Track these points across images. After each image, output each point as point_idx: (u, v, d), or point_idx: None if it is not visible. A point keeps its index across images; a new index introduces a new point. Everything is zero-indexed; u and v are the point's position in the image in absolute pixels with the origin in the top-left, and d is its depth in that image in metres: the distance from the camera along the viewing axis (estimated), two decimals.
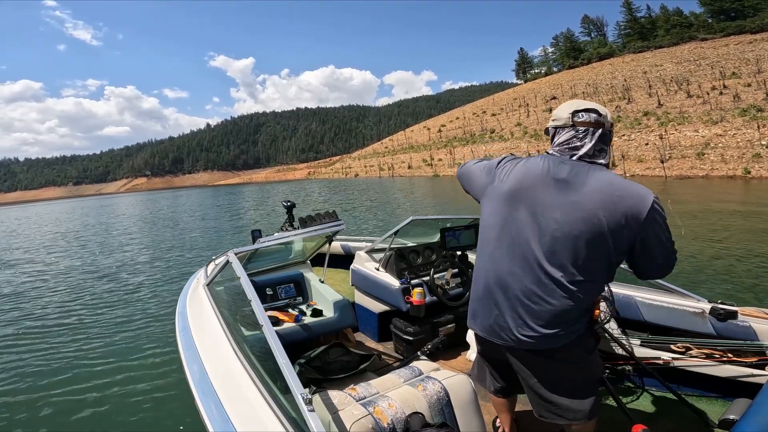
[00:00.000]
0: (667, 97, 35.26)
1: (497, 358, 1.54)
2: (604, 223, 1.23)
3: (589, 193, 1.26)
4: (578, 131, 1.34)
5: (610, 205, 1.23)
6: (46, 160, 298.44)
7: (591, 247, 1.26)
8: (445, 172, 42.12)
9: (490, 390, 1.71)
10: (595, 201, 1.24)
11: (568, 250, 1.27)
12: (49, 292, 6.99)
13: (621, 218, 1.23)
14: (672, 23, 61.24)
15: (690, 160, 23.33)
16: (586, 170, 1.30)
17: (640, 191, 1.25)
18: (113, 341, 4.47)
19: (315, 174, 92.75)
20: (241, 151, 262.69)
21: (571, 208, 1.27)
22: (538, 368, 1.41)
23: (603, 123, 1.33)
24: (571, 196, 1.28)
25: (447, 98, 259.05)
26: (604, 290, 1.40)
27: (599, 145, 1.33)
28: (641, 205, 1.22)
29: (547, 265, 1.29)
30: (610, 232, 1.24)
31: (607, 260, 1.29)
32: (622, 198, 1.23)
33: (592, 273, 1.29)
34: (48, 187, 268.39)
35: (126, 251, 11.10)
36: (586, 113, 1.34)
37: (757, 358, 1.86)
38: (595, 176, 1.28)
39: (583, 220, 1.25)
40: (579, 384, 1.38)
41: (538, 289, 1.31)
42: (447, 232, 3.06)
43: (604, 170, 1.31)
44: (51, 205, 63.68)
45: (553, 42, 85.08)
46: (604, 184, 1.26)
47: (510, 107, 58.94)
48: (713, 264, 5.83)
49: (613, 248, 1.26)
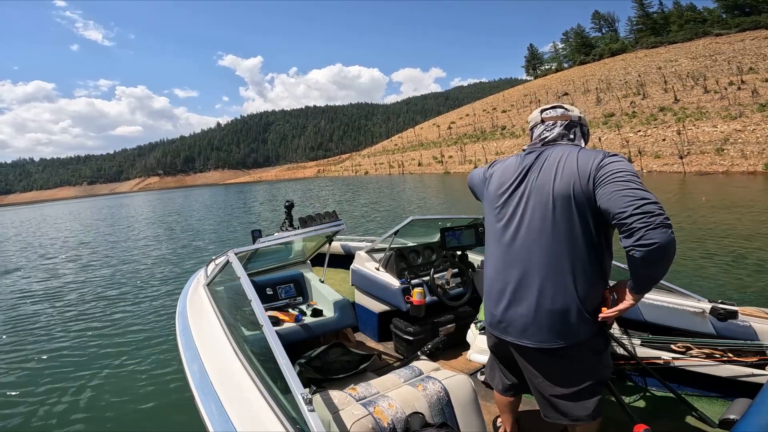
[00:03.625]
0: (683, 92, 34.61)
1: (507, 355, 1.56)
2: (563, 191, 1.29)
3: (547, 167, 1.36)
4: (547, 125, 1.49)
5: (565, 172, 1.30)
6: (60, 160, 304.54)
7: (566, 229, 1.29)
8: (456, 170, 41.93)
9: (498, 389, 1.72)
10: (552, 173, 1.33)
11: (550, 237, 1.31)
12: (49, 292, 7.03)
13: (573, 177, 1.27)
14: (685, 18, 60.00)
15: (709, 155, 22.91)
16: (548, 150, 1.41)
17: (594, 153, 1.31)
18: (113, 341, 4.49)
19: (324, 172, 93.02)
20: (251, 150, 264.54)
21: (539, 192, 1.35)
22: (543, 367, 1.41)
23: (569, 116, 1.47)
24: (537, 180, 1.37)
25: (456, 95, 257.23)
26: (605, 285, 1.38)
27: (564, 132, 1.45)
28: (592, 161, 1.27)
29: (538, 257, 1.33)
30: (576, 203, 1.27)
31: (591, 238, 1.29)
32: (573, 162, 1.30)
33: (578, 260, 1.29)
34: (63, 186, 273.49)
35: (126, 251, 11.16)
36: (553, 110, 1.50)
37: (758, 358, 1.86)
38: (555, 151, 1.38)
39: (548, 199, 1.32)
40: (585, 385, 1.38)
41: (535, 285, 1.34)
42: (447, 232, 3.07)
43: (564, 144, 1.42)
44: (58, 206, 63.69)
45: (564, 38, 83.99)
46: (559, 155, 1.35)
47: (521, 103, 58.42)
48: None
49: (585, 220, 1.27)
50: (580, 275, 1.30)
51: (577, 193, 1.27)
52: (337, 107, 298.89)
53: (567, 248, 1.30)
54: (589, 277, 1.31)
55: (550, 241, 1.31)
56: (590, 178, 1.25)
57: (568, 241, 1.29)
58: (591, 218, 1.28)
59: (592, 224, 1.28)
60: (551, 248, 1.31)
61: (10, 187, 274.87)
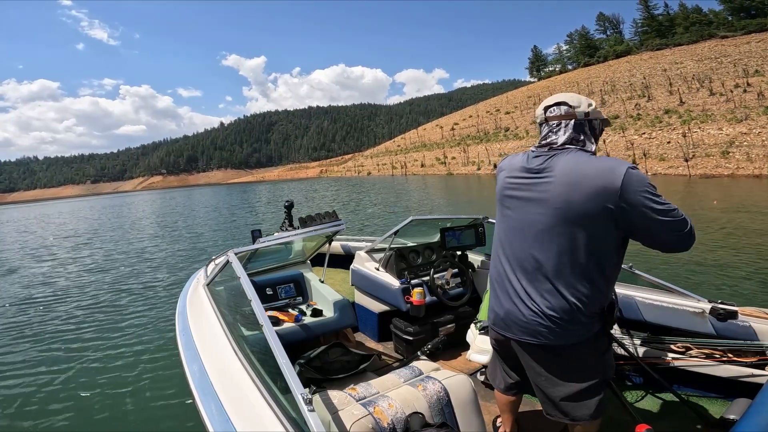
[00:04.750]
0: (688, 94, 34.37)
1: (509, 353, 1.56)
2: (579, 208, 1.24)
3: (557, 178, 1.29)
4: (551, 126, 1.39)
5: (578, 187, 1.24)
6: (64, 159, 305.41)
7: (574, 235, 1.26)
8: (459, 171, 41.84)
9: (499, 388, 1.72)
10: (564, 185, 1.27)
11: (554, 241, 1.29)
12: (48, 292, 7.03)
13: (593, 197, 1.22)
14: (691, 21, 59.71)
15: (714, 158, 22.70)
16: (557, 158, 1.33)
17: (609, 164, 1.24)
18: (112, 341, 4.49)
19: (327, 172, 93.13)
20: (254, 150, 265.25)
21: (545, 198, 1.31)
22: (546, 365, 1.41)
23: (574, 114, 1.36)
24: (544, 186, 1.32)
25: (459, 96, 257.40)
26: (610, 285, 1.37)
27: (573, 135, 1.36)
28: (611, 177, 1.21)
29: (540, 259, 1.33)
30: (587, 216, 1.24)
31: (597, 246, 1.27)
32: (587, 177, 1.24)
33: (583, 263, 1.28)
34: (67, 185, 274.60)
35: (126, 250, 11.18)
36: (557, 107, 1.40)
37: (757, 358, 1.85)
38: (564, 160, 1.31)
39: (557, 209, 1.28)
40: (587, 384, 1.37)
41: (536, 284, 1.34)
42: (447, 232, 3.08)
43: (574, 152, 1.33)
44: (59, 204, 63.85)
45: (568, 40, 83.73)
46: (570, 166, 1.28)
47: (524, 105, 58.24)
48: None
49: (598, 232, 1.25)
50: (583, 274, 1.29)
51: (592, 209, 1.23)
52: (340, 108, 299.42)
53: (571, 249, 1.29)
54: (592, 276, 1.30)
55: (554, 242, 1.31)
56: (614, 200, 1.20)
57: (573, 242, 1.28)
58: (602, 227, 1.25)
59: (603, 232, 1.27)
60: (555, 248, 1.31)
61: (14, 185, 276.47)
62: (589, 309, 1.31)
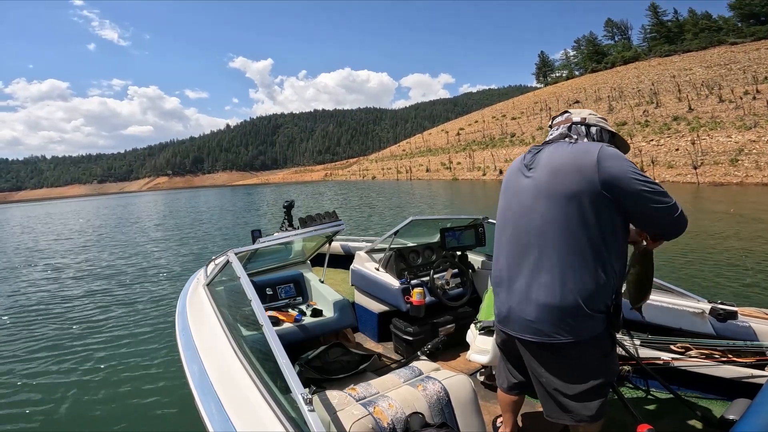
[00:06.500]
0: (697, 101, 34.25)
1: (514, 352, 1.56)
2: (565, 190, 1.29)
3: (542, 168, 1.38)
4: (553, 129, 1.55)
5: (560, 171, 1.32)
6: (72, 159, 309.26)
7: (568, 222, 1.29)
8: (464, 176, 41.86)
9: (502, 387, 1.72)
10: (548, 174, 1.35)
11: (551, 232, 1.32)
12: (48, 292, 7.06)
13: (576, 178, 1.28)
14: (700, 27, 59.58)
15: (723, 166, 22.52)
16: (543, 151, 1.43)
17: (585, 146, 1.33)
18: (112, 341, 4.50)
19: (332, 176, 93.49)
20: (260, 152, 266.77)
21: (536, 189, 1.38)
22: (549, 364, 1.41)
23: (571, 119, 1.49)
24: (533, 178, 1.40)
25: (464, 101, 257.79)
26: (612, 278, 1.35)
27: (565, 133, 1.47)
28: (587, 155, 1.29)
29: (541, 251, 1.35)
30: (575, 197, 1.28)
31: (594, 233, 1.28)
32: (566, 161, 1.32)
33: (583, 251, 1.29)
34: (74, 184, 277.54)
35: (126, 250, 11.24)
36: (561, 116, 1.56)
37: (757, 359, 1.86)
38: (548, 151, 1.41)
39: (548, 198, 1.33)
40: (590, 385, 1.37)
41: (538, 278, 1.35)
42: (447, 232, 3.10)
43: (557, 143, 1.42)
44: (61, 205, 63.89)
45: (575, 45, 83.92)
46: (552, 154, 1.38)
47: (531, 111, 58.34)
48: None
49: (590, 214, 1.27)
50: (584, 265, 1.29)
51: (576, 190, 1.28)
52: (346, 111, 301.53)
53: (568, 244, 1.30)
54: (594, 273, 1.30)
55: (552, 238, 1.32)
56: (593, 175, 1.26)
57: (568, 229, 1.30)
58: (592, 206, 1.27)
59: (595, 213, 1.28)
60: (554, 245, 1.32)
61: (21, 184, 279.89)
62: (592, 302, 1.30)
